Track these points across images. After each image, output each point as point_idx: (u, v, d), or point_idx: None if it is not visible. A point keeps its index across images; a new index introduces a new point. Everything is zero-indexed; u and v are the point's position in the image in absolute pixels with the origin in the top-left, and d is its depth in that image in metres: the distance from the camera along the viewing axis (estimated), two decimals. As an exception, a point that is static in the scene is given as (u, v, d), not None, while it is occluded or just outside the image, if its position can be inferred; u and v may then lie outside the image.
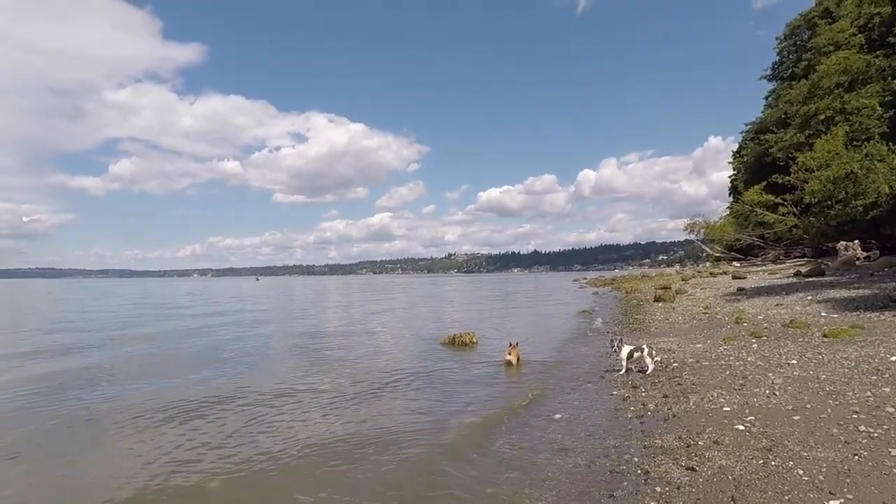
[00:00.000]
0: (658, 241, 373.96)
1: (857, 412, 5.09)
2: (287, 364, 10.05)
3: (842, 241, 26.95)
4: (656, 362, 8.22)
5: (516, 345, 10.32)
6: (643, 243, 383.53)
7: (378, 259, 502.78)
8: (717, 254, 50.83)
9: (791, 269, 25.49)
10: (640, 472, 4.42)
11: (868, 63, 31.06)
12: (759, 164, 42.82)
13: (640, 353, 8.16)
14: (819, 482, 3.82)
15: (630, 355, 8.23)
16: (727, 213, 51.60)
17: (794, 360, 7.44)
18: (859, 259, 24.46)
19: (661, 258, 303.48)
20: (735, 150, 57.52)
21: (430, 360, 10.52)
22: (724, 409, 5.69)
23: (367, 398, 7.51)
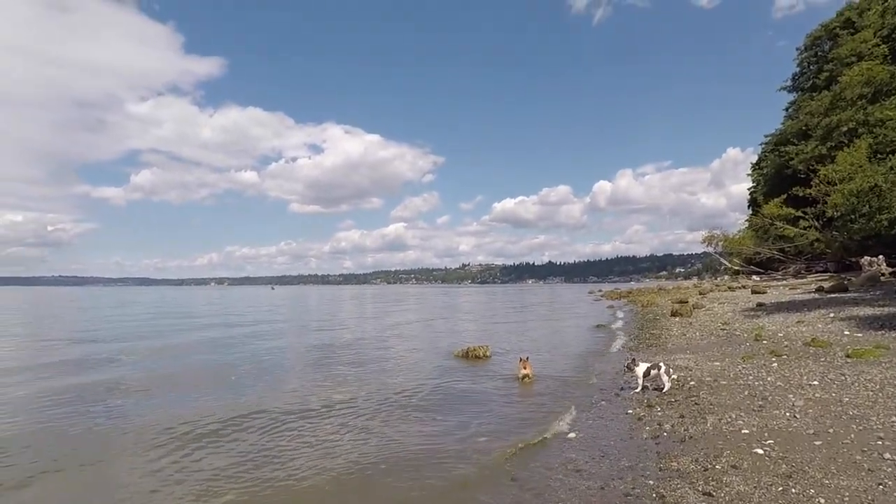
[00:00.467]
0: (675, 253, 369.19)
1: (881, 438, 4.93)
2: (302, 380, 9.95)
3: (866, 257, 26.31)
4: (673, 380, 8.08)
5: (528, 358, 10.27)
6: (660, 255, 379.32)
7: (392, 269, 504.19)
8: (736, 267, 49.93)
9: (813, 285, 24.92)
10: (654, 496, 4.33)
11: (892, 74, 30.52)
12: (780, 177, 42.17)
13: (656, 370, 8.04)
14: (842, 512, 3.71)
15: (647, 373, 8.10)
16: (746, 225, 50.75)
17: (815, 381, 7.26)
18: (884, 275, 23.82)
19: (678, 271, 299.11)
20: (754, 161, 56.82)
21: (443, 375, 10.44)
22: (743, 431, 5.56)
23: (381, 417, 7.30)
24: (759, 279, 39.25)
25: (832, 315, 13.11)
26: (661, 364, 8.13)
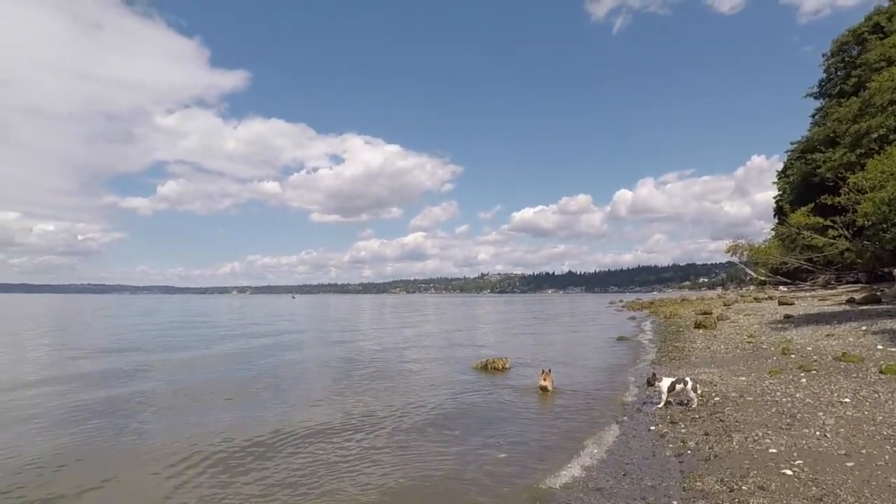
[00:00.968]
0: (698, 262, 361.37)
1: (918, 460, 4.74)
2: (320, 396, 9.78)
3: (899, 267, 25.41)
4: (698, 396, 7.89)
5: (549, 371, 10.26)
6: (682, 265, 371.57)
7: (411, 278, 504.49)
8: (762, 277, 48.71)
9: (843, 296, 24.15)
10: (678, 517, 4.22)
11: (924, 79, 29.59)
12: (807, 185, 41.18)
13: (682, 385, 7.85)
14: (876, 539, 3.56)
15: (672, 388, 7.92)
16: (772, 234, 49.59)
17: (847, 398, 7.02)
18: (919, 286, 22.95)
19: (701, 280, 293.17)
20: (780, 169, 55.62)
21: (462, 389, 10.31)
22: (771, 450, 5.40)
23: (398, 439, 6.90)
24: (786, 290, 38.23)
25: (864, 328, 12.67)
26: (687, 379, 7.95)
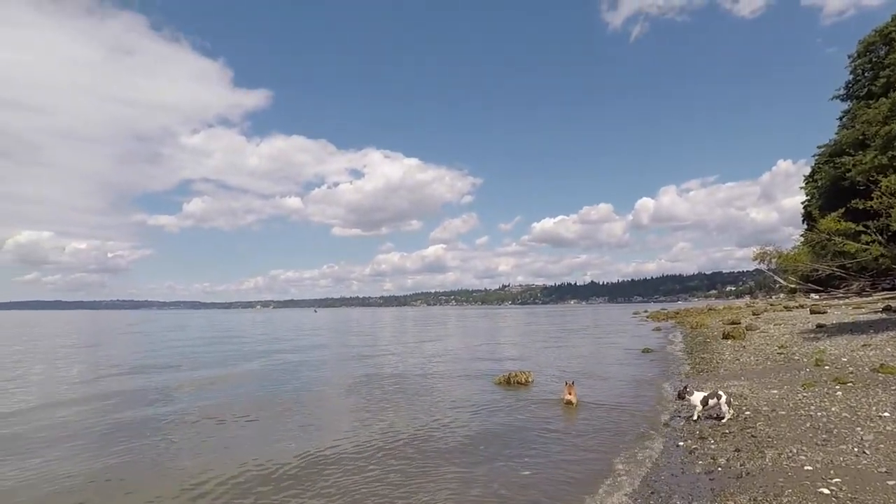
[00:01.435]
0: (724, 271, 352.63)
1: (966, 479, 4.51)
2: (342, 416, 9.59)
3: (938, 272, 24.41)
4: (730, 410, 7.67)
5: (572, 384, 10.19)
6: (708, 273, 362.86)
7: (432, 290, 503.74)
8: (793, 285, 47.31)
9: (879, 304, 23.29)
10: (710, 538, 4.09)
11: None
12: (836, 189, 40.05)
13: (716, 399, 7.64)
14: (923, 563, 3.39)
15: (705, 402, 7.72)
16: (801, 241, 48.23)
17: (886, 412, 6.74)
18: (961, 292, 22.00)
19: (728, 289, 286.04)
20: (807, 174, 54.25)
21: (485, 406, 10.17)
22: (806, 467, 5.20)
23: (418, 463, 6.64)
24: (818, 298, 37.05)
25: (902, 338, 12.18)
26: (720, 393, 7.74)
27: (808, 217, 48.36)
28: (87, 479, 6.23)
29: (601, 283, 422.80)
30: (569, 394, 9.95)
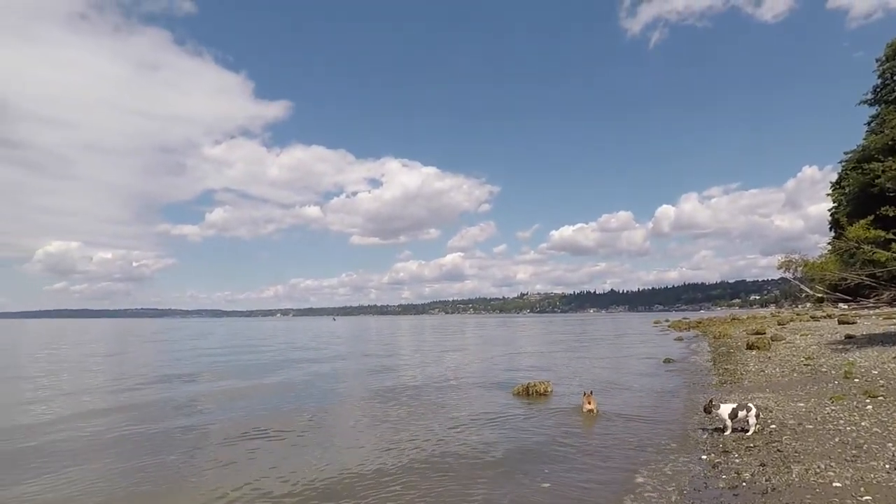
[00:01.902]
0: (748, 279, 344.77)
1: None
2: (366, 428, 9.46)
3: (975, 281, 23.52)
4: (757, 423, 7.50)
5: (591, 393, 10.24)
6: (731, 282, 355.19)
7: (450, 299, 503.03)
8: (820, 294, 46.03)
9: (912, 314, 22.54)
10: (735, 555, 4.01)
11: None
12: (865, 196, 38.98)
13: (745, 412, 7.49)
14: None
15: (734, 414, 7.56)
16: (828, 249, 47.04)
17: (919, 427, 6.52)
18: None
19: (752, 298, 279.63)
20: (834, 180, 53.01)
21: (503, 416, 10.10)
22: (834, 484, 5.07)
23: (441, 476, 6.57)
24: (846, 308, 36.01)
25: (937, 350, 11.78)
26: (750, 405, 7.57)
27: (835, 224, 47.14)
28: (109, 494, 6.21)
29: (621, 291, 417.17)
30: (588, 403, 9.94)
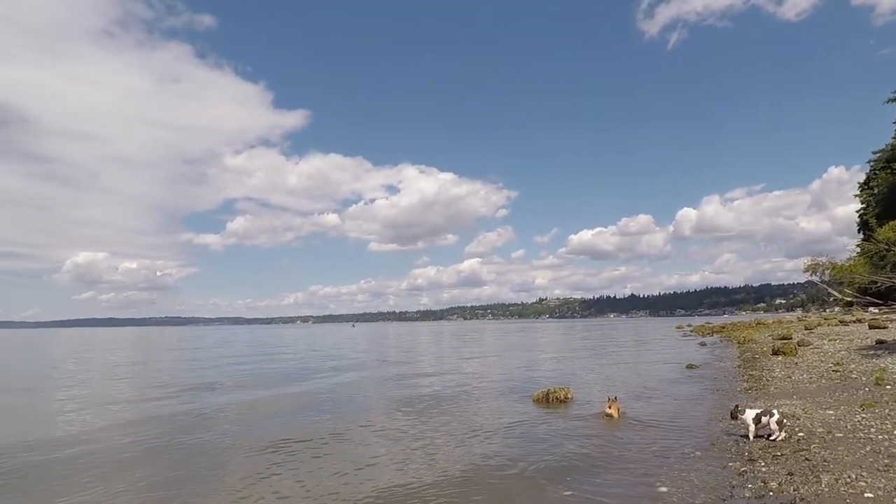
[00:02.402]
0: (773, 283, 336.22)
1: None
2: (386, 442, 9.19)
3: None
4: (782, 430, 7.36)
5: (615, 399, 10.29)
6: (755, 286, 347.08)
7: (468, 304, 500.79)
8: (849, 298, 44.75)
9: (947, 317, 21.79)
10: (762, 566, 3.96)
11: None
12: (894, 196, 37.97)
13: (768, 417, 7.38)
14: None
15: (758, 420, 7.45)
16: (857, 251, 45.78)
17: (955, 435, 6.33)
18: None
19: (777, 302, 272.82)
20: (862, 181, 51.69)
21: (524, 424, 10.05)
22: (866, 494, 4.96)
23: (462, 483, 6.57)
24: (877, 312, 34.94)
25: (973, 355, 11.39)
26: (773, 410, 7.46)
27: (864, 226, 45.97)
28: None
29: (642, 295, 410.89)
30: (609, 408, 9.98)
